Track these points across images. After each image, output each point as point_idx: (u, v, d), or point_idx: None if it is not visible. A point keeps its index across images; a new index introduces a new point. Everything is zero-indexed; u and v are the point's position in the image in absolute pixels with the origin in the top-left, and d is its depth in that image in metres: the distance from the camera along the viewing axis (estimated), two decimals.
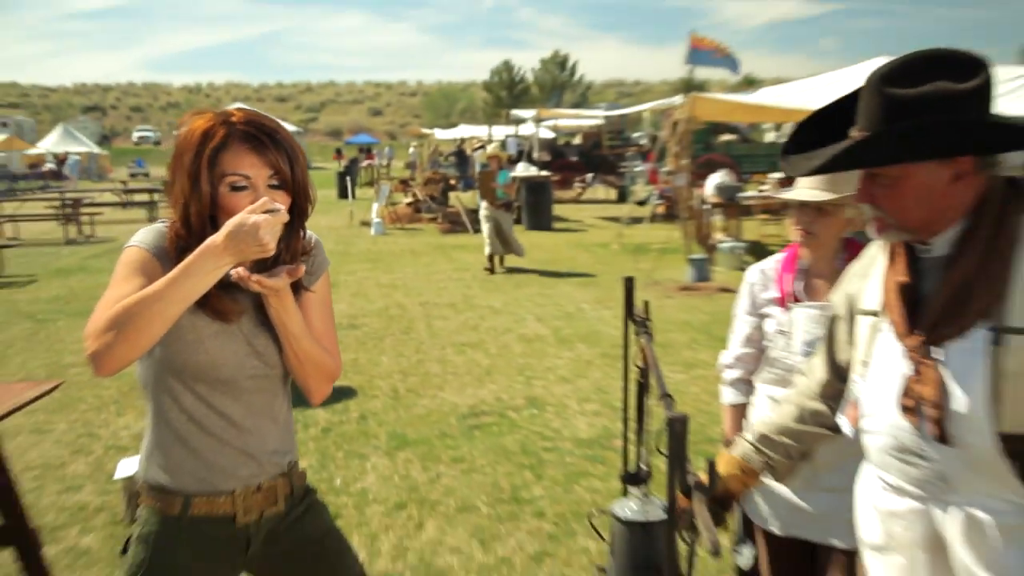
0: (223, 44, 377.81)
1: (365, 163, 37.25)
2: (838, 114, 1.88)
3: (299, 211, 2.03)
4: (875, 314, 1.92)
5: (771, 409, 2.87)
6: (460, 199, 22.14)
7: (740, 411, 2.98)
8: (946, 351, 1.72)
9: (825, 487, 2.80)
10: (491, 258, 13.40)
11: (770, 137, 24.60)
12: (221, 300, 1.95)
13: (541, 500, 4.98)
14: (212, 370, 1.99)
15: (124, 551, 2.11)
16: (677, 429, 1.67)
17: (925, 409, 1.74)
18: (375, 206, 20.18)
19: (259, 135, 1.90)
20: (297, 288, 2.07)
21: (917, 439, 1.77)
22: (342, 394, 7.09)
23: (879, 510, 1.94)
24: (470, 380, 7.52)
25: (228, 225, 1.70)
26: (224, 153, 1.89)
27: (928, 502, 1.80)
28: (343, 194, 27.14)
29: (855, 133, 1.79)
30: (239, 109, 1.98)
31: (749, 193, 16.45)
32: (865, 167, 1.81)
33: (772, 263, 2.95)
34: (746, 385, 2.97)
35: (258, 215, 1.67)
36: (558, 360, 8.14)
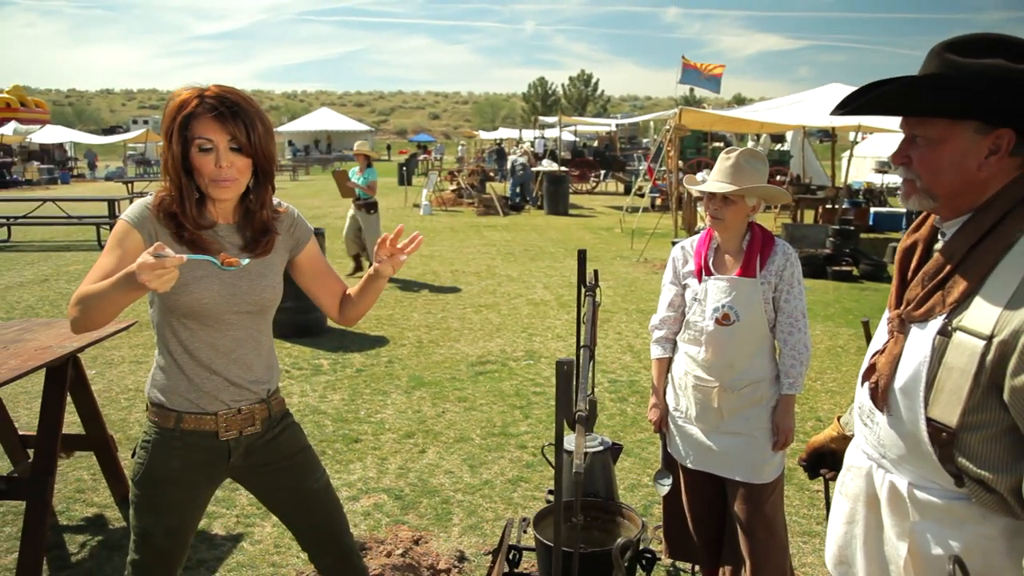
0: (315, 60, 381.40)
1: (422, 157, 37.19)
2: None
3: (261, 170, 2.03)
4: None
5: (685, 364, 2.81)
6: (494, 188, 22.00)
7: (664, 364, 2.90)
8: (911, 330, 1.55)
9: (728, 431, 2.72)
10: (355, 257, 10.53)
11: (750, 146, 24.16)
12: (202, 239, 1.98)
13: (525, 435, 4.93)
14: (198, 307, 1.98)
15: (133, 455, 2.11)
16: (564, 371, 1.61)
17: (875, 377, 1.60)
18: (424, 191, 20.13)
19: (222, 107, 1.89)
20: (268, 232, 2.09)
21: (870, 403, 1.63)
22: (376, 342, 7.09)
23: (846, 460, 1.79)
24: (482, 335, 7.47)
25: (136, 261, 1.63)
26: (194, 120, 1.89)
27: (872, 463, 1.65)
28: (401, 181, 27.14)
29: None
30: (216, 86, 1.95)
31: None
32: (910, 110, 1.53)
33: (692, 242, 2.87)
34: (670, 343, 2.89)
35: (147, 258, 1.60)
36: (557, 321, 8.06)
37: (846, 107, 1.61)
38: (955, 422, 1.44)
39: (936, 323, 1.48)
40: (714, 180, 2.68)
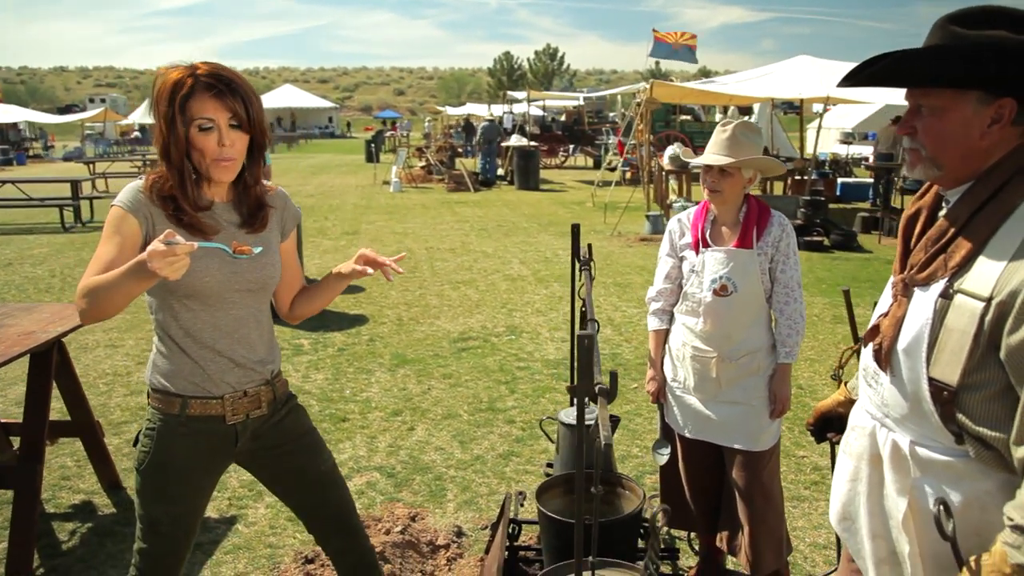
0: (277, 36, 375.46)
1: (388, 134, 36.81)
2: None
3: (257, 145, 2.01)
4: None
5: (683, 335, 2.83)
6: (464, 164, 21.88)
7: (662, 335, 2.92)
8: (914, 293, 1.59)
9: (726, 400, 2.75)
10: None
11: (718, 118, 24.28)
12: (200, 221, 1.94)
13: (512, 410, 4.95)
14: (200, 287, 1.93)
15: (135, 443, 2.07)
16: (585, 344, 1.61)
17: (879, 339, 1.65)
18: (394, 168, 19.96)
19: (219, 84, 1.85)
20: (262, 207, 2.08)
21: (874, 364, 1.68)
22: (356, 320, 7.05)
23: (850, 420, 1.84)
24: (462, 311, 7.46)
25: (147, 249, 1.60)
26: (191, 100, 1.85)
27: (876, 422, 1.70)
28: (369, 158, 26.90)
29: None
30: (205, 63, 1.90)
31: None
32: (916, 81, 1.56)
33: (688, 214, 2.88)
34: (667, 314, 2.91)
35: (157, 245, 1.57)
36: (535, 296, 8.07)
37: (853, 79, 1.64)
38: (956, 381, 1.48)
39: (938, 286, 1.53)
40: (711, 152, 2.69)
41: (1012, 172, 1.50)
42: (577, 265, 3.17)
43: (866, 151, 25.62)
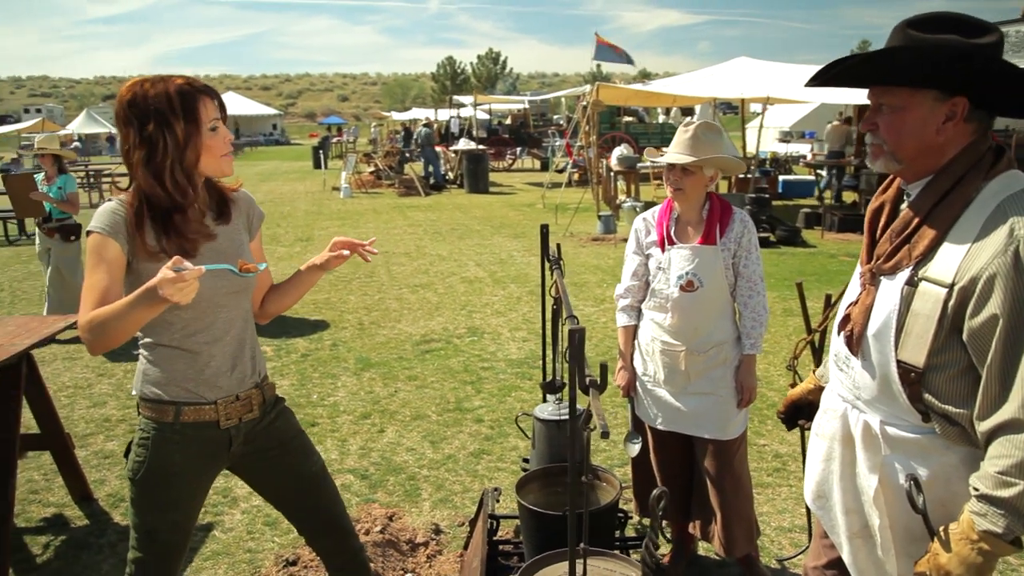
0: (217, 43, 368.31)
1: (335, 140, 36.43)
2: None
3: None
4: None
5: (652, 330, 2.92)
6: (414, 168, 21.83)
7: (631, 331, 3.01)
8: (881, 282, 1.69)
9: (695, 392, 2.85)
10: None
11: (660, 119, 24.70)
12: (186, 239, 1.95)
13: (480, 409, 5.00)
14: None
15: (127, 454, 2.07)
16: (576, 339, 1.68)
17: (849, 326, 1.75)
18: (343, 174, 19.79)
19: (208, 89, 1.95)
20: (226, 200, 2.12)
21: (845, 350, 1.78)
22: (317, 326, 7.01)
23: (822, 404, 1.94)
24: (422, 314, 7.48)
25: (156, 276, 1.63)
26: (198, 105, 1.92)
27: (847, 404, 1.80)
28: (317, 165, 26.62)
29: None
30: (179, 76, 1.95)
31: (645, 163, 16.59)
32: (878, 80, 1.67)
33: (653, 213, 2.97)
34: (635, 311, 3.00)
35: (167, 272, 1.61)
36: (494, 297, 8.13)
37: (820, 79, 1.75)
38: (922, 363, 1.60)
39: (904, 275, 1.64)
40: (674, 152, 2.78)
41: (968, 166, 1.62)
42: (547, 264, 3.24)
43: (803, 149, 26.33)
